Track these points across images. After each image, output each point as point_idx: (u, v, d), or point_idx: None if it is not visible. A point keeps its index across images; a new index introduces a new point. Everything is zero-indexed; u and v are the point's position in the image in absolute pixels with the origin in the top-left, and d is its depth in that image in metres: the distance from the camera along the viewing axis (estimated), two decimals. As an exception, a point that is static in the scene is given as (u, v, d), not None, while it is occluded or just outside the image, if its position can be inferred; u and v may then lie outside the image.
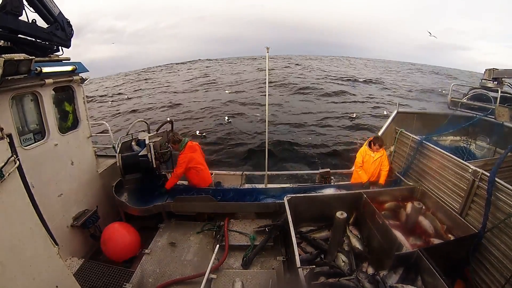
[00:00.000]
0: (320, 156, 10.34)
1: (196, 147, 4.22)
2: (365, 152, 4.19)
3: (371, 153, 4.14)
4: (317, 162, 9.59)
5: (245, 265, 3.22)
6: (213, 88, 26.71)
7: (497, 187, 2.59)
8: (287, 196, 3.27)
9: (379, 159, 4.13)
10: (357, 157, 4.30)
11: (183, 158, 3.99)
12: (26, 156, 2.84)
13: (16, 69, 2.38)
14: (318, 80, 29.27)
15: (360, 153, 4.26)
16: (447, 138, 5.12)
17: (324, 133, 13.01)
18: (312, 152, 10.70)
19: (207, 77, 35.97)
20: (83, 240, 3.78)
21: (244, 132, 13.18)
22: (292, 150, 10.86)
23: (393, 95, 23.17)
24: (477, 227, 2.73)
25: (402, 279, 2.51)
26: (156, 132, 4.58)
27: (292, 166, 9.38)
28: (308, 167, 9.14)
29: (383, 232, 2.81)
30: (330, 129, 13.76)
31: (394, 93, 24.41)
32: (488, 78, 5.00)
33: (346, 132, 13.19)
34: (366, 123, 14.37)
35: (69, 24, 3.36)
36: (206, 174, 4.33)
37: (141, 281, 3.05)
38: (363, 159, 4.20)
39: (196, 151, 4.19)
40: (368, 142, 4.23)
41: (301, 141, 11.78)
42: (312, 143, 11.68)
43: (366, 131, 12.84)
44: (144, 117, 13.76)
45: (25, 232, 1.91)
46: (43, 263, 2.05)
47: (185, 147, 4.06)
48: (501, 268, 2.50)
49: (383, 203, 3.46)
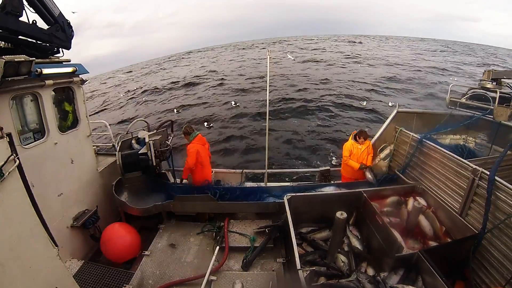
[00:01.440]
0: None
1: (205, 142, 4.30)
2: (351, 146, 4.46)
3: (358, 145, 4.43)
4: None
5: (245, 267, 3.21)
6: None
7: (497, 186, 2.59)
8: (287, 195, 3.26)
9: (366, 149, 4.44)
10: (344, 152, 4.52)
11: (192, 147, 4.01)
12: (26, 155, 2.84)
13: (16, 70, 2.39)
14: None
15: (346, 147, 4.49)
16: (447, 137, 5.13)
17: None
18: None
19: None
20: (83, 241, 3.77)
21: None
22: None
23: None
24: (477, 228, 2.72)
25: (403, 280, 2.52)
26: (156, 130, 4.59)
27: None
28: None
29: (383, 232, 2.81)
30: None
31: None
32: (487, 79, 5.03)
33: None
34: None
35: (69, 25, 3.36)
36: (208, 172, 4.34)
37: (141, 283, 3.04)
38: (351, 153, 4.45)
39: (204, 145, 4.25)
40: (354, 136, 4.50)
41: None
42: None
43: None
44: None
45: (25, 232, 1.90)
46: (43, 264, 2.04)
47: (195, 138, 4.11)
48: (501, 269, 2.50)
49: (382, 201, 3.46)
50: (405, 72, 23.70)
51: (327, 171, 5.14)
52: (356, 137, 4.44)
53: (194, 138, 4.11)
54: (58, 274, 2.17)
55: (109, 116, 17.64)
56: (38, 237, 2.00)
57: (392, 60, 31.72)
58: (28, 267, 1.90)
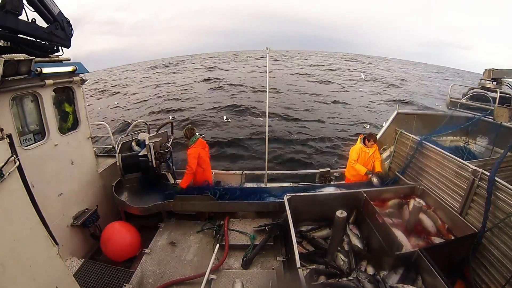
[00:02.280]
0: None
1: (205, 145, 4.30)
2: (360, 149, 4.41)
3: (366, 149, 4.38)
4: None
5: (245, 265, 3.21)
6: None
7: (497, 186, 2.60)
8: (287, 195, 3.27)
9: (373, 153, 4.40)
10: (352, 154, 4.48)
11: (193, 152, 4.00)
12: (26, 156, 2.85)
13: (16, 69, 2.38)
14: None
15: (355, 150, 4.45)
16: (447, 139, 5.12)
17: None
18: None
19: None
20: (83, 239, 3.78)
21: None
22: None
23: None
24: (477, 227, 2.73)
25: (403, 279, 2.52)
26: (156, 132, 4.59)
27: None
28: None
29: (383, 231, 2.81)
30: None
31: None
32: (487, 78, 4.99)
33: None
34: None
35: (69, 24, 3.35)
36: (208, 174, 4.36)
37: (141, 281, 3.04)
38: (358, 156, 4.41)
39: (205, 148, 4.26)
40: (362, 139, 4.45)
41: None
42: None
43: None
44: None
45: (25, 232, 1.90)
46: (43, 263, 2.04)
47: (196, 142, 4.10)
48: (501, 268, 2.50)
49: (383, 201, 3.47)
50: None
51: (327, 172, 5.15)
52: (365, 140, 4.37)
53: (195, 142, 4.09)
54: (58, 273, 2.17)
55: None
56: (38, 236, 2.00)
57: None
58: (28, 266, 1.90)
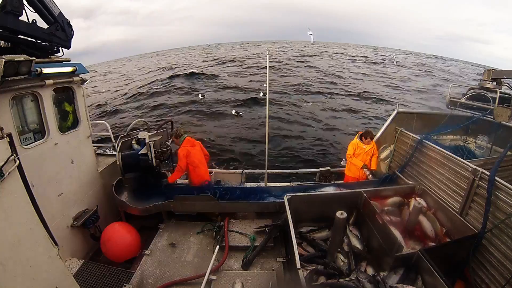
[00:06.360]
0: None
1: (195, 143, 4.30)
2: (356, 145, 4.45)
3: (363, 145, 4.42)
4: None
5: (245, 266, 3.21)
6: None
7: (497, 186, 2.60)
8: (287, 195, 3.26)
9: (370, 150, 4.43)
10: (348, 149, 4.53)
11: (182, 152, 4.10)
12: (26, 155, 2.84)
13: (16, 70, 2.38)
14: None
15: (351, 145, 4.50)
16: (447, 138, 5.13)
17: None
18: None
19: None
20: (83, 240, 3.77)
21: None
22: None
23: None
24: (477, 227, 2.73)
25: (402, 280, 2.52)
26: (156, 131, 4.60)
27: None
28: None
29: (383, 232, 2.81)
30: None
31: None
32: (487, 79, 5.01)
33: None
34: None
35: (69, 25, 3.36)
36: (202, 171, 4.32)
37: (141, 282, 3.04)
38: (354, 151, 4.46)
39: (195, 146, 4.26)
40: (359, 136, 4.47)
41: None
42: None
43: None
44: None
45: (25, 232, 1.90)
46: (43, 263, 2.04)
47: (184, 141, 4.17)
48: (501, 269, 2.50)
49: (383, 200, 3.46)
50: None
51: (327, 171, 5.15)
52: (362, 137, 4.41)
53: (183, 142, 4.17)
54: (58, 273, 2.17)
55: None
56: (38, 236, 2.00)
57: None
58: (28, 266, 1.90)
